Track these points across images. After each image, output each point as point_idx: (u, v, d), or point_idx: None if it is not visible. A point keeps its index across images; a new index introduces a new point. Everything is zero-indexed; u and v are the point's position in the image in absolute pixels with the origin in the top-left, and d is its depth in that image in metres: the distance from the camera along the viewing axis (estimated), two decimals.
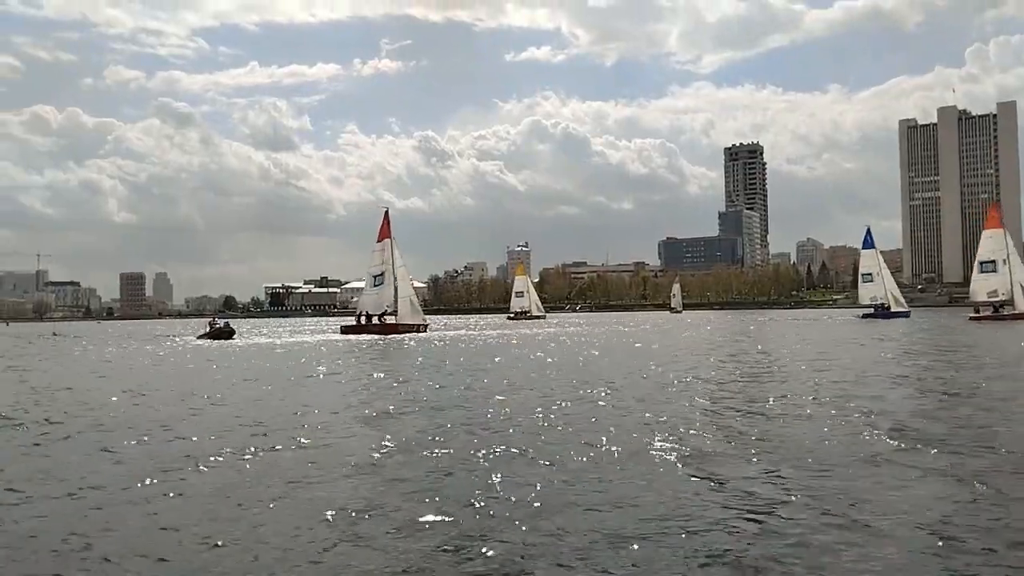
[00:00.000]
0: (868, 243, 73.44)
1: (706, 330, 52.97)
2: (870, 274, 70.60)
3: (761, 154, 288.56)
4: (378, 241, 53.35)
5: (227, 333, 49.85)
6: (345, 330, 53.24)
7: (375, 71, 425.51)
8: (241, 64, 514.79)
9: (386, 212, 54.78)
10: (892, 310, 67.43)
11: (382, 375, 20.64)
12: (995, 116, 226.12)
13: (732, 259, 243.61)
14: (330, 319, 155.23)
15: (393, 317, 51.37)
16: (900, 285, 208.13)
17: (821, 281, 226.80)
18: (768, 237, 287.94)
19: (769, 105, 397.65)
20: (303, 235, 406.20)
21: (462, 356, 28.87)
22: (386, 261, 52.27)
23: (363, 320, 52.53)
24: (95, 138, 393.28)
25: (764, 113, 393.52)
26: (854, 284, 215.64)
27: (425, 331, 52.35)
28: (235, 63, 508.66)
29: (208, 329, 51.37)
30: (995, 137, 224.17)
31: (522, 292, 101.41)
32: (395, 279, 52.07)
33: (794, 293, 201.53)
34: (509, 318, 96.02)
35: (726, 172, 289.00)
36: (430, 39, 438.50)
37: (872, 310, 67.96)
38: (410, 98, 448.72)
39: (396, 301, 51.69)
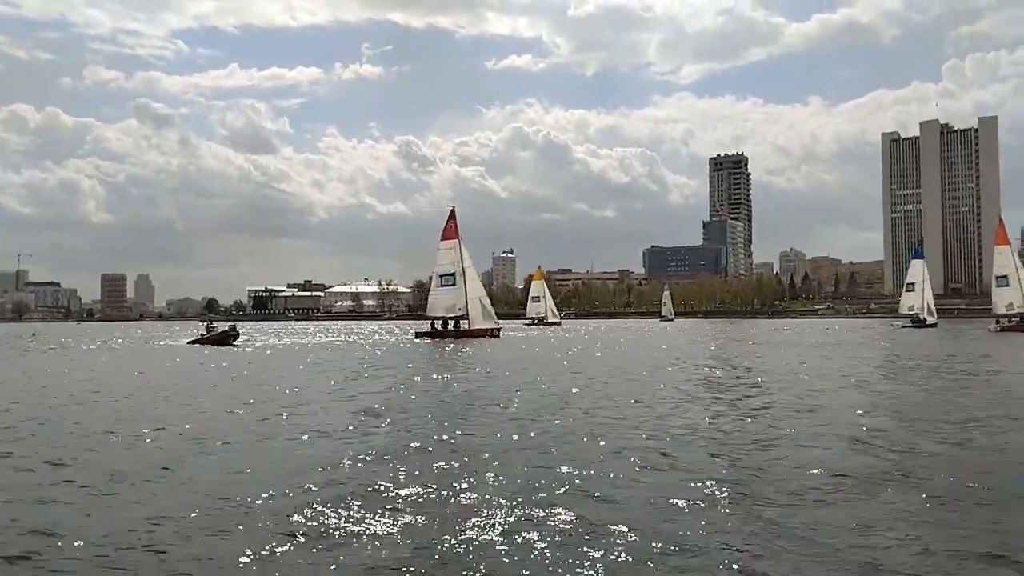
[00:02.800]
0: (916, 253, 78.54)
1: (749, 344, 43.35)
2: (913, 284, 73.54)
3: (746, 165, 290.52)
4: (443, 239, 52.05)
5: (230, 337, 44.82)
6: (419, 335, 51.23)
7: (356, 75, 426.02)
8: (221, 66, 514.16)
9: (452, 211, 53.37)
10: (927, 321, 69.76)
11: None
12: (976, 130, 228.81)
13: (716, 268, 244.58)
14: (338, 322, 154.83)
15: (466, 321, 50.46)
16: (880, 297, 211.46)
17: (804, 292, 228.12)
18: (752, 247, 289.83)
19: (749, 116, 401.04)
20: (285, 238, 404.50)
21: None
22: (455, 261, 51.30)
23: (437, 326, 50.91)
24: (74, 138, 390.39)
25: (744, 124, 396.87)
26: (836, 295, 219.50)
27: (499, 335, 50.83)
28: (214, 65, 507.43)
29: (205, 333, 46.50)
30: (976, 151, 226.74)
31: (538, 297, 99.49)
32: (465, 280, 51.24)
33: (776, 303, 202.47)
34: (528, 323, 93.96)
35: (711, 182, 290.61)
36: (411, 45, 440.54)
37: (910, 321, 70.58)
38: (391, 103, 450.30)
39: (467, 303, 50.78)
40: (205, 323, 50.58)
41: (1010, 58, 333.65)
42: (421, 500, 7.21)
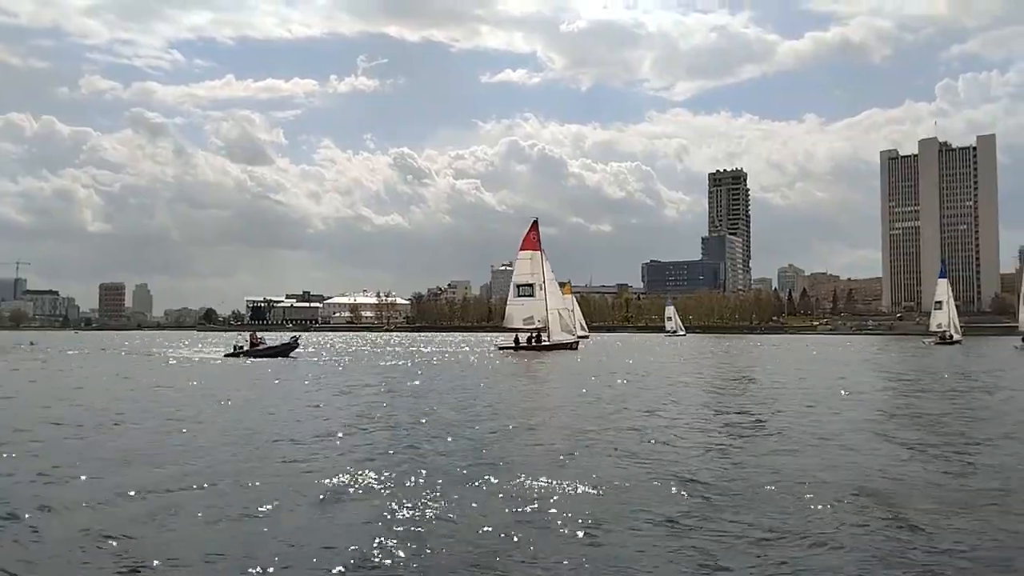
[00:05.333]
0: (943, 273, 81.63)
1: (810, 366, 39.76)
2: (941, 302, 75.62)
3: (744, 180, 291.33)
4: (522, 249, 51.74)
5: (291, 348, 41.60)
6: (502, 348, 51.03)
7: (351, 88, 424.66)
8: (216, 77, 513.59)
9: (535, 222, 52.93)
10: (953, 338, 72.28)
11: None
12: (975, 149, 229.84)
13: (714, 283, 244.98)
14: (342, 333, 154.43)
15: (545, 333, 50.30)
16: (879, 313, 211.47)
17: (802, 307, 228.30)
18: (750, 263, 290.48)
19: (744, 133, 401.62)
20: (282, 249, 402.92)
21: None
22: (536, 273, 51.01)
23: (519, 340, 50.27)
24: (70, 147, 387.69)
25: (739, 141, 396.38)
26: (834, 311, 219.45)
27: (577, 348, 50.77)
28: (210, 76, 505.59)
29: (244, 346, 41.49)
30: (975, 169, 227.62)
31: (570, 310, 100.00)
32: (545, 292, 50.94)
33: (775, 319, 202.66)
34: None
35: (709, 197, 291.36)
36: (407, 58, 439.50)
37: (938, 338, 72.30)
38: (386, 116, 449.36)
39: (547, 315, 50.62)
40: (249, 334, 44.53)
41: (1001, 79, 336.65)
42: None
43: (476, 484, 8.71)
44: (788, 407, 17.44)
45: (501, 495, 8.22)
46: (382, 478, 9.01)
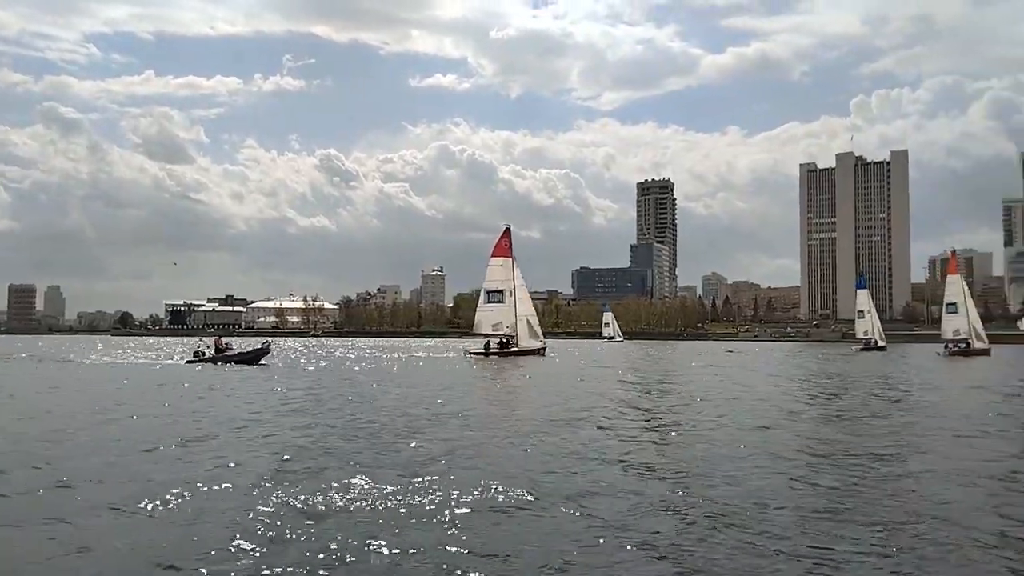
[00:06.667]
0: (862, 284, 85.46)
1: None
2: (863, 311, 79.64)
3: (672, 191, 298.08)
4: (494, 256, 52.32)
5: (263, 354, 39.39)
6: (472, 354, 51.03)
7: (276, 87, 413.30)
8: (135, 72, 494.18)
9: (507, 229, 53.88)
10: (879, 344, 77.39)
11: None
12: (888, 163, 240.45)
13: (642, 290, 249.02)
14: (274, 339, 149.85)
15: (514, 339, 50.93)
16: (796, 321, 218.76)
17: (725, 315, 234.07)
18: (676, 270, 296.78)
19: (670, 143, 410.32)
20: (202, 251, 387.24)
21: None
22: (507, 279, 51.49)
23: (489, 346, 50.50)
24: None
25: (665, 151, 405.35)
26: (755, 319, 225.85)
27: (544, 354, 51.57)
28: (128, 71, 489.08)
29: (208, 351, 39.43)
30: (888, 183, 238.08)
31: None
32: (515, 298, 51.56)
33: (699, 326, 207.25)
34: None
35: (638, 206, 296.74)
36: (334, 59, 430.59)
37: (864, 344, 77.05)
38: (313, 116, 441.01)
39: (515, 321, 51.21)
40: (213, 339, 42.45)
41: (912, 96, 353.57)
42: None
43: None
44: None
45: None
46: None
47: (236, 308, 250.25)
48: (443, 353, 59.59)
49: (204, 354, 39.40)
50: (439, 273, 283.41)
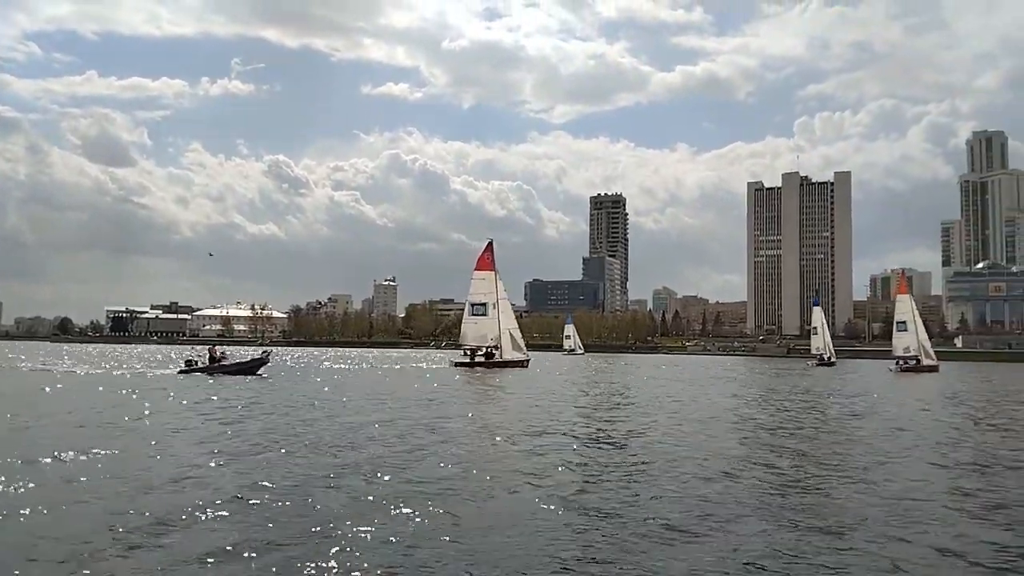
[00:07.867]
0: (816, 302, 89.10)
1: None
2: (816, 328, 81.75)
3: (624, 205, 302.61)
4: (477, 269, 53.79)
5: (261, 364, 37.55)
6: (458, 364, 52.46)
7: (224, 91, 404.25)
8: (77, 72, 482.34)
9: (490, 243, 55.72)
10: (831, 360, 79.20)
11: None
12: (832, 184, 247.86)
13: (594, 303, 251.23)
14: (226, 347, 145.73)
15: (498, 351, 52.30)
16: (742, 335, 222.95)
17: (674, 328, 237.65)
18: (628, 284, 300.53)
19: (621, 158, 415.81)
20: (146, 256, 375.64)
21: None
22: (489, 292, 52.76)
23: (473, 357, 52.35)
24: None
25: (616, 165, 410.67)
26: (703, 333, 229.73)
27: (527, 366, 52.58)
28: (70, 71, 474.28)
29: (202, 361, 37.24)
30: (832, 203, 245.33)
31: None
32: (499, 311, 52.81)
33: (649, 339, 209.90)
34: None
35: (591, 220, 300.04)
36: (285, 64, 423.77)
37: (817, 360, 78.48)
38: (262, 122, 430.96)
39: (500, 334, 52.48)
40: (208, 348, 40.39)
41: (854, 119, 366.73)
42: None
43: None
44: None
45: None
46: None
47: (181, 316, 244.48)
48: (421, 363, 60.07)
49: (196, 363, 37.01)
50: (391, 283, 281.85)
